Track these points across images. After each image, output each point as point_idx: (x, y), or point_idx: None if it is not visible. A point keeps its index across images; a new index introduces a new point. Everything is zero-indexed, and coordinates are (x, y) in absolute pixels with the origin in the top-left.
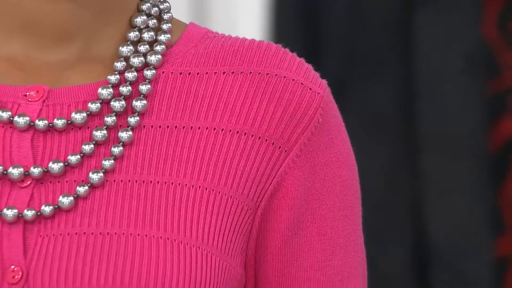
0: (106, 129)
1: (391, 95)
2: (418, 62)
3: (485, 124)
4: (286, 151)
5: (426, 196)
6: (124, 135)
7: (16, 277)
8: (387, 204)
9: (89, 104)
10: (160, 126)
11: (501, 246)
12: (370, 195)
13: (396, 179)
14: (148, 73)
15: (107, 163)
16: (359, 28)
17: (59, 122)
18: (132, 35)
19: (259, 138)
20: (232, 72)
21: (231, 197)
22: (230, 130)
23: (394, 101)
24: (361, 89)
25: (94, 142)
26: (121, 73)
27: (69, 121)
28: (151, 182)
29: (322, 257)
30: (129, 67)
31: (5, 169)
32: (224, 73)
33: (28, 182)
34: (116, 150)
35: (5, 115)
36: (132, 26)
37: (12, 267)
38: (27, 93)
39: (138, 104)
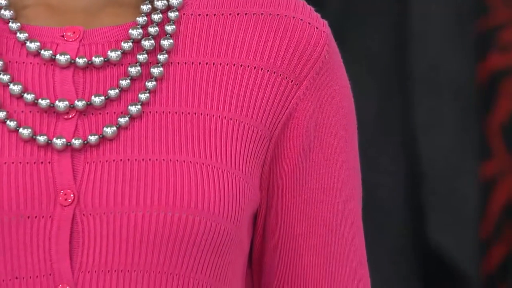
0: (140, 65)
1: (384, 38)
2: (409, 5)
3: (473, 61)
4: (297, 84)
5: (416, 127)
6: (155, 70)
7: (68, 199)
8: (380, 136)
9: (122, 43)
10: (185, 63)
11: (487, 170)
12: (365, 129)
13: (389, 112)
14: (172, 14)
15: (143, 96)
16: None
17: (97, 60)
18: None
19: (274, 72)
20: (245, 13)
21: (251, 126)
22: (248, 66)
23: (386, 43)
24: (356, 33)
25: (129, 77)
26: (147, 15)
27: (105, 59)
28: (182, 113)
29: (328, 181)
30: (154, 9)
31: (52, 103)
32: (238, 14)
33: (73, 114)
34: (150, 84)
35: (47, 53)
36: None
37: (62, 191)
38: (64, 34)
39: (165, 43)
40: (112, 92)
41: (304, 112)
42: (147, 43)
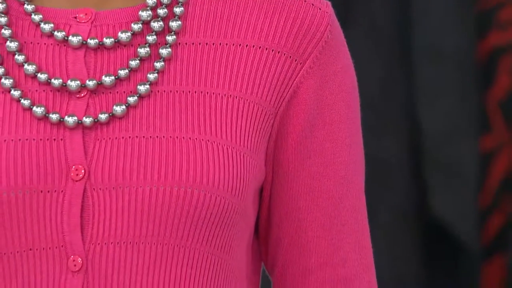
0: (149, 46)
1: (389, 14)
2: None
3: (474, 38)
4: (301, 63)
5: (418, 100)
6: (164, 51)
7: (79, 175)
8: (383, 109)
9: (132, 25)
10: (193, 43)
11: (486, 143)
12: (368, 102)
13: (392, 85)
14: None
15: (152, 76)
16: None
17: (108, 41)
18: None
19: (278, 52)
20: None
21: (256, 103)
22: (253, 46)
23: (391, 18)
24: (363, 8)
25: (139, 58)
26: None
27: (116, 40)
28: (189, 92)
29: (331, 155)
30: None
31: (64, 82)
32: None
33: (84, 93)
34: (159, 65)
35: (60, 34)
36: None
37: (74, 167)
38: (77, 16)
39: (174, 24)
40: (122, 72)
41: (307, 90)
42: (156, 25)
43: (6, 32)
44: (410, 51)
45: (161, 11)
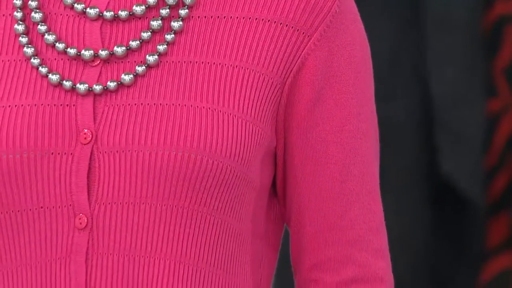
0: (161, 19)
1: None
2: None
3: (481, 7)
4: (308, 36)
5: (428, 65)
6: (175, 24)
7: (87, 138)
8: (394, 71)
9: None
10: (205, 17)
11: (493, 106)
12: (380, 65)
13: (403, 50)
14: None
15: (161, 47)
16: None
17: (123, 13)
18: None
19: (286, 25)
20: None
21: (262, 74)
22: (262, 19)
23: None
24: None
25: (151, 30)
26: None
27: (131, 13)
28: (196, 62)
29: (339, 123)
30: None
31: (79, 51)
32: None
33: (97, 62)
34: (169, 37)
35: (80, 7)
36: None
37: (82, 131)
38: None
39: None
40: (134, 43)
41: (315, 61)
42: None
43: (33, 3)
44: (421, 18)
45: None
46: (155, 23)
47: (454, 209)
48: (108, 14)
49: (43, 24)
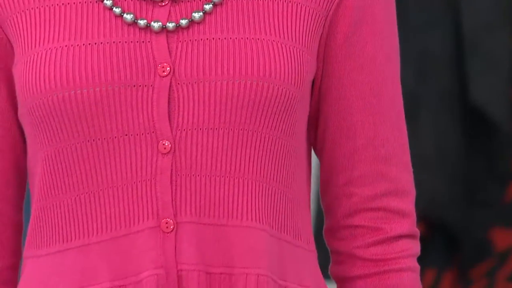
0: None
1: None
2: None
3: None
4: None
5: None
6: None
7: (165, 71)
8: (429, 3)
9: None
10: None
11: None
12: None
13: None
14: None
15: None
16: None
17: None
18: None
19: None
20: None
21: (311, 7)
22: None
23: None
24: None
25: None
26: None
27: None
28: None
29: (372, 50)
30: None
31: None
32: None
33: (166, 2)
34: None
35: None
36: None
37: (160, 65)
38: None
39: None
40: None
41: (350, 3)
42: None
43: None
44: None
45: None
46: None
47: (483, 131)
48: None
49: None
